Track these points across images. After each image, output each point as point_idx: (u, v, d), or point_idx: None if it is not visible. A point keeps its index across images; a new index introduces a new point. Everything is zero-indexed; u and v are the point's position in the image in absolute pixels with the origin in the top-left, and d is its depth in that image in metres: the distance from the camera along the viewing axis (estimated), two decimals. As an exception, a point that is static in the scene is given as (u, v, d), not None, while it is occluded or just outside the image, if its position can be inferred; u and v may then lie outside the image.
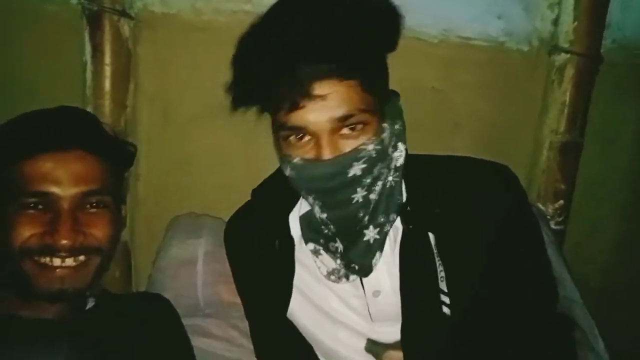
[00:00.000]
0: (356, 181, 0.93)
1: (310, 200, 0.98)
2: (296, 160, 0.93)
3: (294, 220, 1.08)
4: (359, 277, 1.02)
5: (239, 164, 1.51)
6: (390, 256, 1.01)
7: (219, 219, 1.40)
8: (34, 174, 0.89)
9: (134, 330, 1.00)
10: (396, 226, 1.01)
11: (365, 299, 1.03)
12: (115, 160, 0.99)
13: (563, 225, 1.68)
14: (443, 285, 0.98)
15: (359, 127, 0.91)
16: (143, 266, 1.55)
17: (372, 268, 0.99)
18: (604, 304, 1.70)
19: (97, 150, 0.94)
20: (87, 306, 0.99)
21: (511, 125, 1.65)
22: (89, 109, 1.41)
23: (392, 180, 0.99)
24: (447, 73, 1.47)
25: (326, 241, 1.03)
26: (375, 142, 0.92)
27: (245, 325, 1.23)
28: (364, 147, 0.91)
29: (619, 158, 1.75)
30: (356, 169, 0.92)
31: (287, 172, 0.96)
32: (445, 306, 0.98)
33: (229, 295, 1.28)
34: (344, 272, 1.02)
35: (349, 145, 0.91)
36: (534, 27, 1.61)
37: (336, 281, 1.03)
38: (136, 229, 1.52)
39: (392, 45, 0.95)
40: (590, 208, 1.75)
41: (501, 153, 1.18)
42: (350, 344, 1.06)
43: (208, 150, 1.54)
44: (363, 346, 1.06)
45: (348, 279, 1.02)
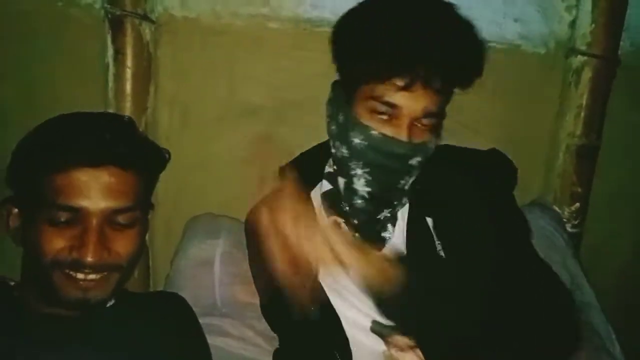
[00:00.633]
0: (410, 170, 1.03)
1: (358, 171, 1.03)
2: (375, 132, 1.00)
3: (315, 198, 1.14)
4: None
5: (257, 167, 1.52)
6: (399, 236, 1.09)
7: (237, 220, 1.41)
8: (66, 187, 0.88)
9: (152, 328, 1.02)
10: (403, 210, 1.10)
11: None
12: (150, 171, 0.99)
13: (579, 228, 1.67)
14: None
15: (431, 127, 1.01)
16: (161, 266, 1.57)
17: (385, 240, 1.07)
18: (621, 308, 1.69)
19: (132, 165, 0.93)
20: (107, 304, 1.01)
21: (527, 128, 1.64)
22: (111, 111, 1.44)
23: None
24: (464, 76, 1.47)
25: (345, 217, 1.09)
26: (434, 143, 1.04)
27: (260, 324, 1.25)
28: (429, 144, 1.03)
29: (637, 161, 1.73)
30: (416, 160, 1.02)
31: (357, 140, 1.01)
32: None
33: (246, 295, 1.30)
34: None
35: (419, 137, 1.01)
36: (551, 30, 1.60)
37: None
38: (154, 229, 1.54)
39: (479, 74, 1.04)
40: (607, 212, 1.74)
41: (517, 155, 1.18)
42: (357, 323, 1.09)
43: (226, 151, 1.55)
44: (368, 326, 1.08)
45: None
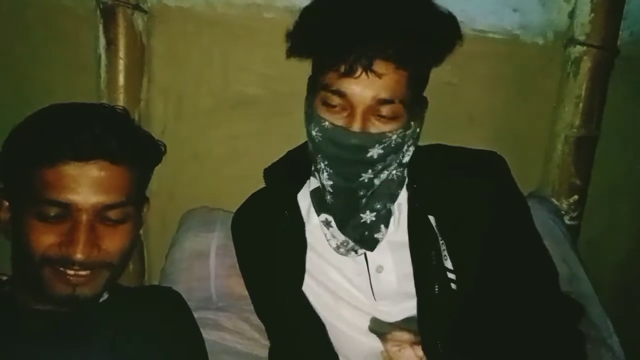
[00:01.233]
0: (371, 162, 1.00)
1: (322, 165, 1.03)
2: (327, 124, 0.99)
3: (302, 199, 1.14)
4: (364, 253, 1.07)
5: (252, 157, 1.51)
6: (394, 235, 1.07)
7: (232, 213, 1.40)
8: (56, 182, 0.86)
9: (146, 323, 1.01)
10: (401, 207, 1.08)
11: (369, 275, 1.08)
12: (143, 165, 0.97)
13: (577, 220, 1.66)
14: (448, 264, 1.05)
15: (391, 116, 0.98)
16: (156, 259, 1.56)
17: (378, 241, 1.05)
18: (619, 301, 1.68)
19: (125, 160, 0.90)
20: (101, 299, 0.99)
21: (526, 119, 1.63)
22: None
23: (396, 173, 1.06)
24: (462, 66, 1.45)
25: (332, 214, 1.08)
26: (399, 134, 0.99)
27: (256, 318, 1.24)
28: (389, 135, 0.98)
29: (636, 153, 1.72)
30: (375, 152, 0.98)
31: (314, 133, 1.01)
32: (452, 282, 1.04)
33: (241, 288, 1.28)
34: (351, 245, 1.07)
35: (376, 128, 0.98)
36: (550, 20, 1.59)
37: (345, 254, 1.08)
38: (149, 222, 1.52)
39: (443, 55, 1.04)
40: (606, 204, 1.73)
41: (516, 147, 1.18)
42: (354, 323, 1.09)
43: (221, 143, 1.54)
44: (367, 326, 1.09)
45: (357, 253, 1.07)
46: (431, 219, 1.07)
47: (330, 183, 1.03)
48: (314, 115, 1.01)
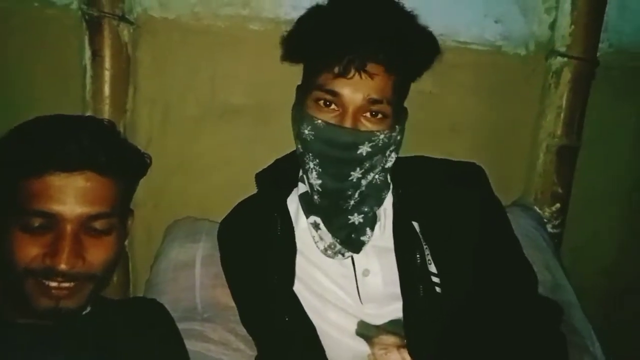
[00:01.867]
0: (359, 160, 1.04)
1: (310, 165, 1.06)
2: (319, 122, 1.03)
3: (291, 204, 1.17)
4: (351, 256, 1.10)
5: (239, 166, 1.51)
6: (379, 239, 1.10)
7: (217, 223, 1.40)
8: (41, 192, 0.86)
9: (129, 335, 1.01)
10: (386, 212, 1.12)
11: (355, 279, 1.10)
12: (129, 176, 0.97)
13: (560, 228, 1.68)
14: (432, 268, 1.08)
15: (379, 117, 1.03)
16: (141, 270, 1.55)
17: (363, 243, 1.09)
18: (601, 308, 1.70)
19: (111, 172, 0.91)
20: (84, 312, 0.99)
21: (508, 129, 1.65)
22: (89, 113, 1.41)
23: (379, 178, 1.11)
24: (444, 77, 1.47)
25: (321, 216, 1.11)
26: (386, 135, 1.04)
27: (242, 329, 1.24)
28: (378, 133, 1.03)
29: (616, 162, 1.74)
30: (364, 149, 1.03)
31: (306, 132, 1.04)
32: (436, 286, 1.07)
33: (227, 298, 1.28)
34: (339, 248, 1.10)
35: (365, 127, 1.03)
36: (531, 31, 1.61)
37: (332, 256, 1.11)
38: (135, 232, 1.52)
39: (424, 66, 1.11)
40: (587, 212, 1.75)
41: (498, 156, 1.20)
42: (341, 326, 1.11)
43: (207, 154, 1.54)
44: (354, 329, 1.10)
45: (344, 255, 1.10)
46: (415, 224, 1.10)
47: (319, 182, 1.06)
48: (305, 115, 1.05)
